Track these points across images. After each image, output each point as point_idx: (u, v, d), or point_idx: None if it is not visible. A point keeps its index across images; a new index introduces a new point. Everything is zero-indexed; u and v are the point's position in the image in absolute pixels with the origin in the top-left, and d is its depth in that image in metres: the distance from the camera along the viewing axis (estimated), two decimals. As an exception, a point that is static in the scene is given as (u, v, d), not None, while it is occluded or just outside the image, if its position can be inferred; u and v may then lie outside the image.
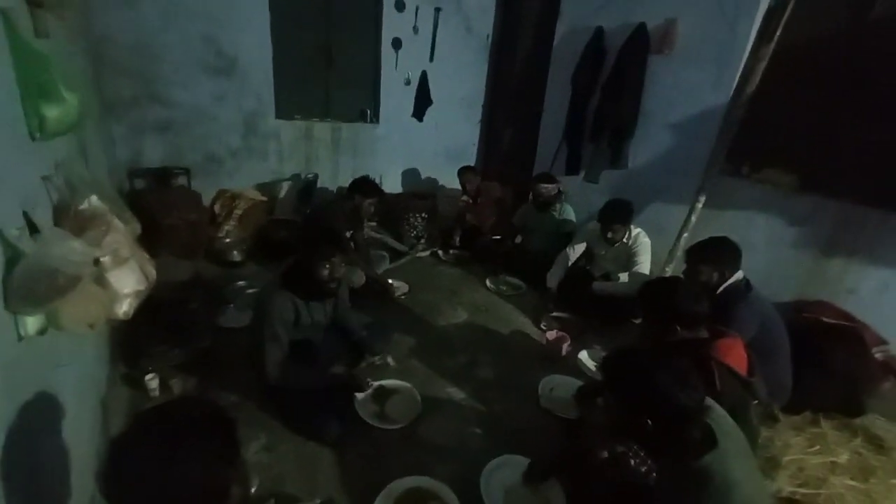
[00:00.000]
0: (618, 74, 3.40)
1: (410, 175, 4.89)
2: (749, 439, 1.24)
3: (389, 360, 2.24)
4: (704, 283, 1.95)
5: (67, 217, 1.29)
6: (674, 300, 1.53)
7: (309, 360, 1.93)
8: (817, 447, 2.00)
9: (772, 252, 2.70)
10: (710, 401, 1.19)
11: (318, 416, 1.82)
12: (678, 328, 1.53)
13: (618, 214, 2.78)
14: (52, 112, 1.13)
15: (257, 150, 4.02)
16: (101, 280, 1.28)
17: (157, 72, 3.41)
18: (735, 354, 1.52)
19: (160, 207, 3.09)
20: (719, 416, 1.16)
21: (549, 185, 3.36)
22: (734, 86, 2.77)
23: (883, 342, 2.22)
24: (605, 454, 1.44)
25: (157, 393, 1.89)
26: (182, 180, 3.59)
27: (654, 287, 1.68)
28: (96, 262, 1.25)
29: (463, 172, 3.93)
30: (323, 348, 2.03)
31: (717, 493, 1.02)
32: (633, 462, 1.51)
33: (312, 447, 1.79)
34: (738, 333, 1.62)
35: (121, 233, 1.41)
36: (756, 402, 1.53)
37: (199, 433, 0.71)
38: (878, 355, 2.17)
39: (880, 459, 1.96)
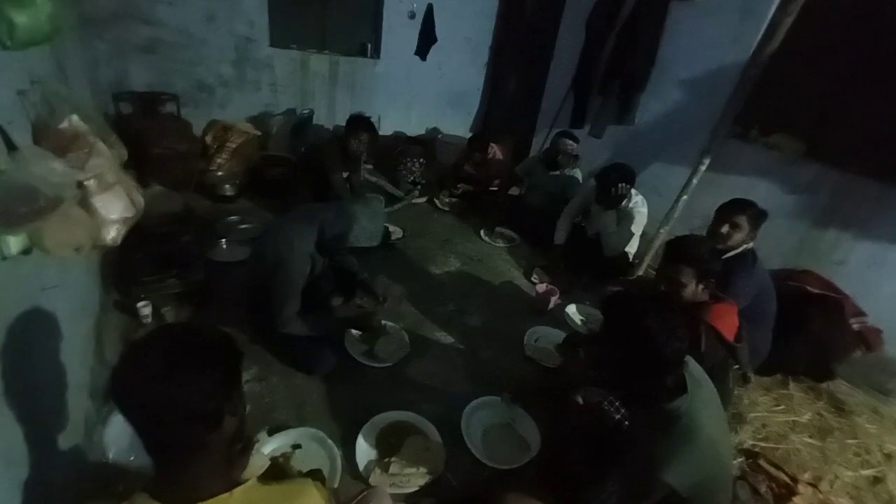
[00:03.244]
0: (635, 21, 3.20)
1: (410, 118, 4.71)
2: (723, 399, 1.30)
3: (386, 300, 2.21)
4: (727, 239, 1.97)
5: (47, 136, 1.23)
6: (696, 251, 1.57)
7: (319, 304, 1.97)
8: (782, 406, 2.12)
9: (769, 219, 2.69)
10: (687, 356, 1.24)
11: (313, 350, 1.87)
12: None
13: (617, 177, 2.66)
14: (21, 18, 1.04)
15: (250, 81, 3.83)
16: (86, 204, 1.24)
17: (138, -16, 3.14)
18: (726, 320, 1.56)
19: (148, 135, 2.98)
20: (694, 369, 1.22)
21: (575, 144, 3.24)
22: (756, 42, 2.62)
23: (861, 314, 2.27)
24: (581, 400, 1.52)
25: (149, 320, 1.92)
26: (171, 107, 3.43)
27: (683, 239, 1.69)
28: (80, 185, 1.22)
29: (474, 144, 3.72)
30: (323, 281, 2.05)
31: (683, 432, 1.08)
32: (606, 408, 1.60)
33: (301, 380, 1.85)
34: (732, 301, 1.65)
35: (105, 157, 1.36)
36: (736, 367, 1.59)
37: (205, 357, 0.72)
38: (854, 326, 2.23)
39: (839, 421, 2.09)
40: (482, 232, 3.40)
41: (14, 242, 0.96)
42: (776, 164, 2.68)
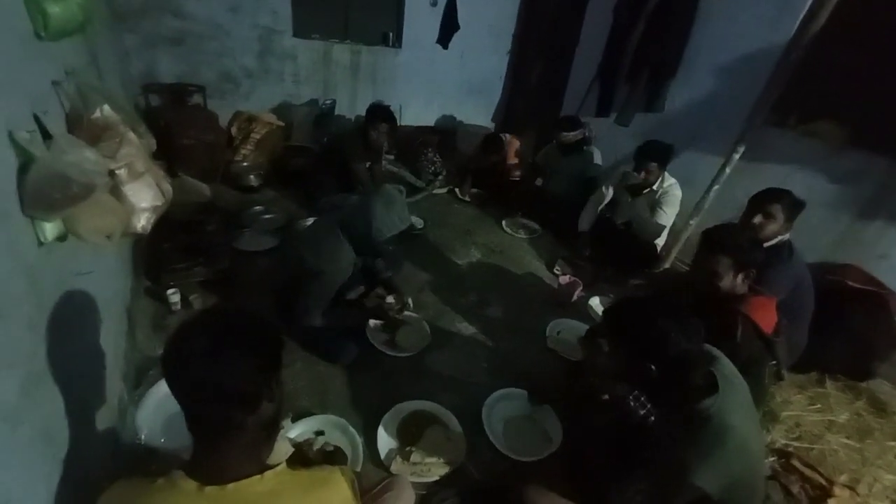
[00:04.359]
0: (666, 5, 3.07)
1: (431, 108, 4.68)
2: (757, 395, 1.25)
3: (409, 301, 2.21)
4: (761, 230, 1.88)
5: (80, 126, 1.26)
6: (735, 240, 1.51)
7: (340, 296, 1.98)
8: (818, 405, 2.03)
9: (807, 211, 2.55)
10: (717, 352, 1.19)
11: (336, 340, 1.90)
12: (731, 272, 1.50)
13: (655, 153, 2.64)
14: (54, 8, 1.07)
15: (274, 72, 3.86)
16: (116, 192, 1.27)
17: (166, -23, 3.20)
18: (764, 313, 1.50)
19: (176, 126, 3.05)
20: (725, 366, 1.17)
21: (570, 133, 3.19)
22: (797, 24, 2.47)
23: (908, 310, 2.15)
24: (606, 395, 1.48)
25: (178, 307, 1.97)
26: (198, 98, 3.50)
27: (721, 228, 1.63)
28: (111, 173, 1.25)
29: (489, 144, 3.69)
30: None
31: (713, 433, 1.05)
32: (632, 404, 1.56)
33: (324, 367, 1.87)
34: (768, 293, 1.58)
35: (135, 146, 1.38)
36: (773, 362, 1.52)
37: (249, 342, 0.75)
38: (899, 323, 2.11)
39: (880, 422, 1.99)
40: (504, 222, 3.36)
41: (50, 229, 0.99)
42: (816, 152, 2.54)
